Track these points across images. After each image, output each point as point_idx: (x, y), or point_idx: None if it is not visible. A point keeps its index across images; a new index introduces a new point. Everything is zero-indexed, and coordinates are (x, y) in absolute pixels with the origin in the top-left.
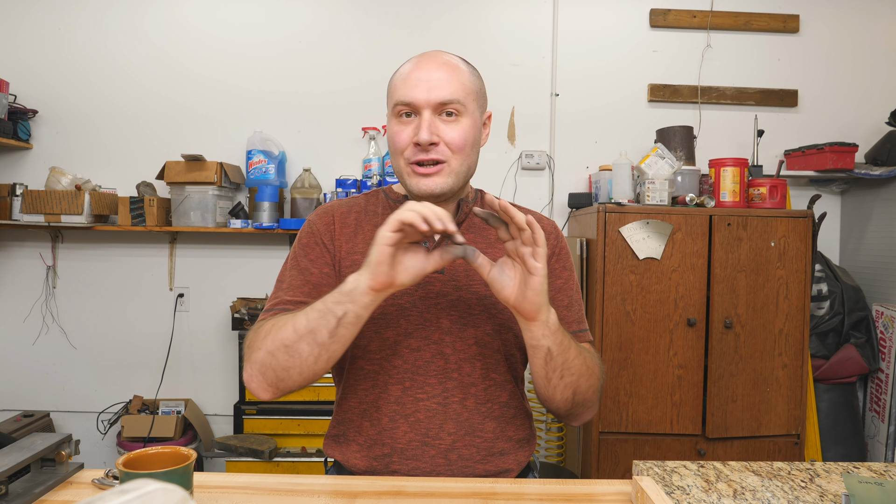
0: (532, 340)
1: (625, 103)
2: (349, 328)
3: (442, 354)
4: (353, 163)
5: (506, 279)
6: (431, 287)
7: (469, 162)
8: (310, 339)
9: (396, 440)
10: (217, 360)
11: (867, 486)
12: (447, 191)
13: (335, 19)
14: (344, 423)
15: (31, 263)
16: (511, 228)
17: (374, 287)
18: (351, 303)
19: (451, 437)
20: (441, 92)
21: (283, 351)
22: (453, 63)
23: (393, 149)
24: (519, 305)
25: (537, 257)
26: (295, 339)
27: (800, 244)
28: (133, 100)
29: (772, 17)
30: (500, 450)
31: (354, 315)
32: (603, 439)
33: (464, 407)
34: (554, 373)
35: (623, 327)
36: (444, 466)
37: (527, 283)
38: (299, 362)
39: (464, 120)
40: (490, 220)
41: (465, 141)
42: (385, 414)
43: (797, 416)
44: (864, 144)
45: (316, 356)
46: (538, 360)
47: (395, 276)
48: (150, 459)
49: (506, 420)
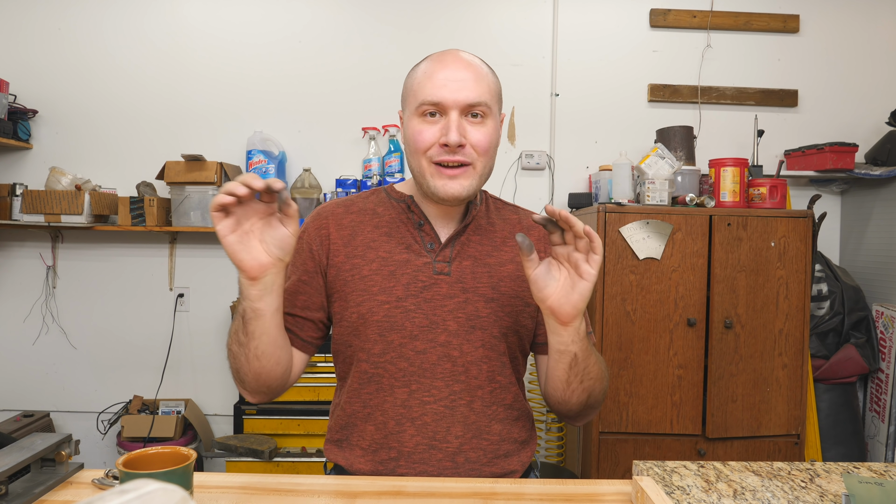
0: (560, 346)
1: (625, 103)
2: (254, 323)
3: (449, 357)
4: (353, 163)
5: (550, 279)
6: (438, 289)
7: (491, 164)
8: (235, 340)
9: (403, 444)
10: (217, 360)
11: (867, 486)
12: (471, 193)
13: (335, 19)
14: (347, 427)
15: (31, 263)
16: (567, 235)
17: (250, 276)
18: (245, 299)
19: (458, 440)
20: (469, 93)
21: (229, 355)
22: (476, 63)
23: (414, 148)
24: (559, 308)
25: (592, 264)
26: (229, 342)
27: (800, 244)
28: (133, 100)
29: (772, 17)
30: (506, 452)
31: (251, 310)
32: (603, 439)
33: (471, 409)
34: (575, 378)
35: (623, 327)
36: (450, 470)
37: (574, 286)
38: (239, 362)
39: (489, 122)
40: (548, 225)
41: (491, 143)
42: (391, 417)
43: (797, 416)
44: (864, 144)
45: (244, 355)
46: (563, 364)
47: (261, 257)
48: (150, 459)
49: (510, 422)
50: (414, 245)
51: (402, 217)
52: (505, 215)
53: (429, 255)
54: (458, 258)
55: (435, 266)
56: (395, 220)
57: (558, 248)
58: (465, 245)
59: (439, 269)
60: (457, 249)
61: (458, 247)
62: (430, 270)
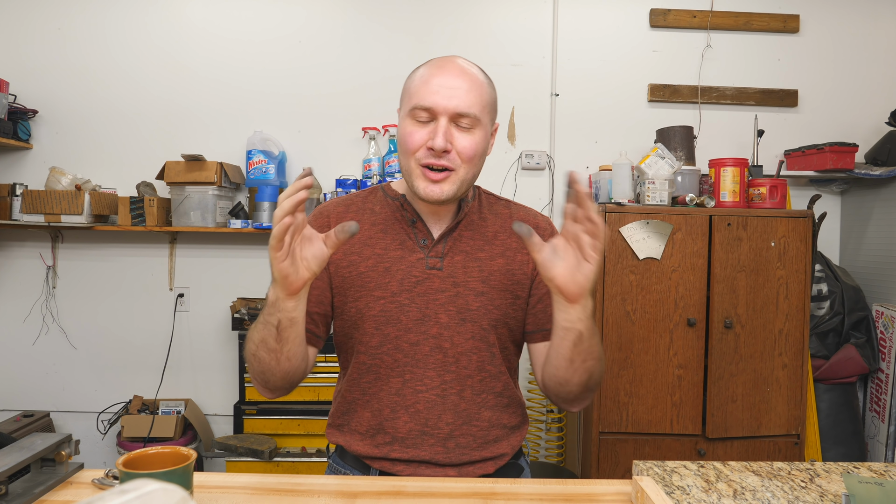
0: (567, 323)
1: (625, 103)
2: (289, 331)
3: (440, 348)
4: (353, 163)
5: (557, 259)
6: (430, 284)
7: (475, 171)
8: (263, 347)
9: (397, 430)
10: (217, 360)
11: (867, 486)
12: (451, 197)
13: (336, 19)
14: (347, 412)
15: (31, 263)
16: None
17: (290, 294)
18: (279, 311)
19: (449, 426)
20: (460, 102)
21: (253, 359)
22: (472, 72)
23: (404, 148)
24: (566, 286)
25: (595, 249)
26: (255, 349)
27: (800, 244)
28: (133, 100)
29: (772, 17)
30: (495, 437)
31: (287, 320)
32: (603, 439)
33: (461, 398)
34: (579, 356)
35: (623, 327)
36: (442, 454)
37: (579, 267)
38: (267, 367)
39: (477, 132)
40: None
41: (476, 152)
42: (386, 405)
43: (797, 416)
44: (864, 144)
45: (275, 359)
46: (568, 342)
47: (302, 275)
48: (150, 459)
49: (500, 409)
50: (408, 242)
51: (396, 215)
52: (497, 210)
53: (422, 251)
54: (450, 253)
55: (427, 262)
56: (389, 218)
57: (568, 226)
58: (457, 241)
59: (432, 264)
60: (449, 245)
61: (451, 242)
62: (423, 266)
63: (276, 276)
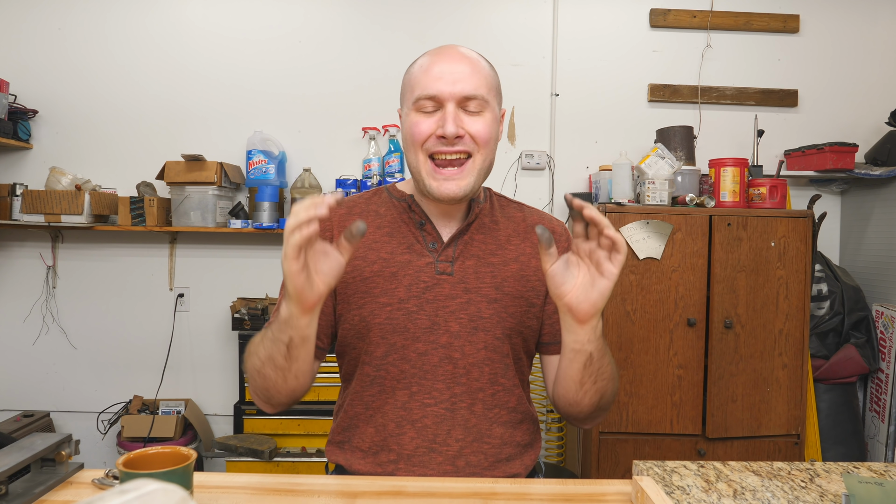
0: (576, 344)
1: (625, 103)
2: (300, 349)
3: (450, 359)
4: (353, 163)
5: (568, 276)
6: (440, 290)
7: (491, 158)
8: (270, 364)
9: (403, 446)
10: (217, 360)
11: (867, 486)
12: (469, 192)
13: (336, 19)
14: (349, 428)
15: (31, 263)
16: (591, 230)
17: (305, 311)
18: (291, 329)
19: (458, 443)
20: (465, 85)
21: (257, 375)
22: (473, 57)
23: (411, 141)
24: (576, 305)
25: (615, 263)
26: (260, 365)
27: (800, 244)
28: (133, 100)
29: (772, 17)
30: (508, 455)
31: (299, 338)
32: (603, 439)
33: (472, 412)
34: (589, 378)
35: (623, 327)
36: (451, 473)
37: (594, 284)
38: (273, 384)
39: (487, 114)
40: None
41: (490, 135)
42: (391, 419)
43: (797, 416)
44: (864, 144)
45: (282, 377)
46: (577, 364)
47: (318, 289)
48: (150, 459)
49: (513, 425)
50: (416, 245)
51: (403, 217)
52: (509, 213)
53: (431, 254)
54: (461, 258)
55: (437, 266)
56: (396, 220)
57: (581, 243)
58: (469, 244)
59: (442, 269)
60: (460, 249)
61: (461, 246)
62: (433, 270)
63: (291, 291)
